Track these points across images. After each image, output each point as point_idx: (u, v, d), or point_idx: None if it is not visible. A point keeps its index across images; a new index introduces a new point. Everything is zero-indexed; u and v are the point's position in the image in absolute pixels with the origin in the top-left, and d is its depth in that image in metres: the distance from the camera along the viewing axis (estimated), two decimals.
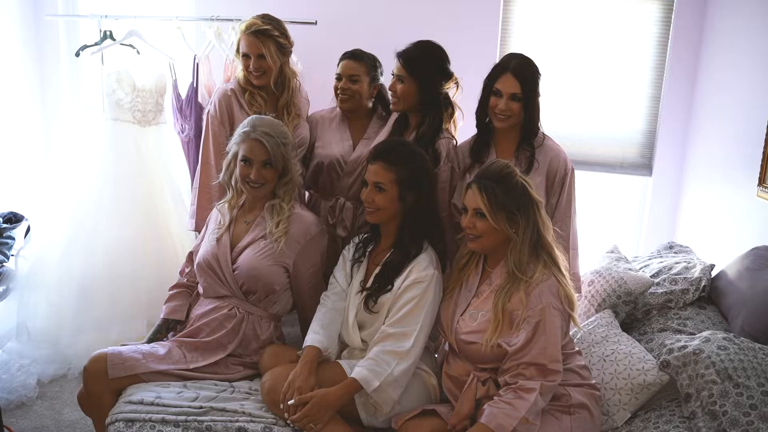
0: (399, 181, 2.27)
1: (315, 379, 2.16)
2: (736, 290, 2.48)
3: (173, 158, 3.61)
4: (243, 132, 2.41)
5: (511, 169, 2.15)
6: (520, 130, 2.53)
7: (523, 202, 2.10)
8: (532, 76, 2.46)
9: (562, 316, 2.07)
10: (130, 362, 2.24)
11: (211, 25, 3.53)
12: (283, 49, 2.81)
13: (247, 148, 2.38)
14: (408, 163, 2.30)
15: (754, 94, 2.90)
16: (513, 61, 2.47)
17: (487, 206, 2.09)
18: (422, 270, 2.25)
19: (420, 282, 2.23)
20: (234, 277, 2.41)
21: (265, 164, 2.39)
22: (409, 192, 2.29)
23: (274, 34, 2.76)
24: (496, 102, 2.46)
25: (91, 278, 3.30)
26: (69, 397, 3.10)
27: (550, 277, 2.08)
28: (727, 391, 1.93)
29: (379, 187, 2.28)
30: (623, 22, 3.65)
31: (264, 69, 2.78)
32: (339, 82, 2.85)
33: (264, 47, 2.74)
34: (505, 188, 2.10)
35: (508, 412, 1.94)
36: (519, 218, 2.09)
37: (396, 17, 3.76)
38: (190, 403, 2.09)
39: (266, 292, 2.42)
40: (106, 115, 3.49)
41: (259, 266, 2.39)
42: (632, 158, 3.78)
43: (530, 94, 2.45)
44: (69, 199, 3.44)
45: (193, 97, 3.53)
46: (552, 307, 2.04)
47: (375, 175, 2.29)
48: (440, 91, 2.64)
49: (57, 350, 3.29)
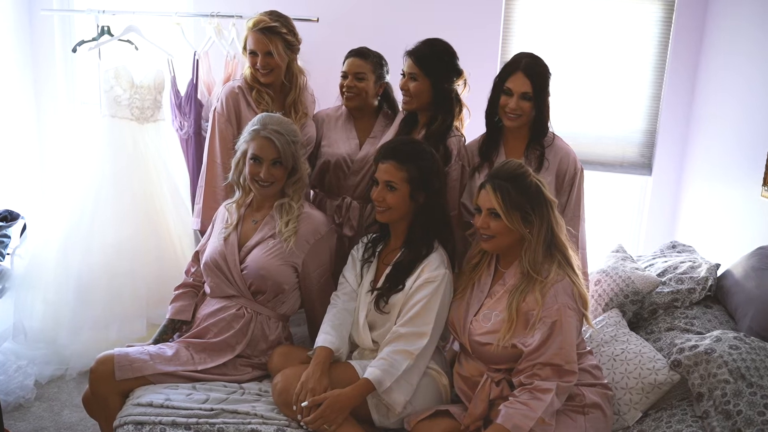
0: (410, 180, 2.26)
1: (328, 380, 2.15)
2: (743, 290, 2.49)
3: (172, 155, 3.56)
4: (253, 130, 2.38)
5: (525, 169, 2.14)
6: (530, 129, 2.52)
7: (537, 202, 2.10)
8: (543, 75, 2.45)
9: (577, 316, 2.06)
10: (137, 363, 2.20)
11: (211, 21, 3.49)
12: (290, 46, 2.79)
13: (256, 146, 2.35)
14: (419, 161, 2.28)
15: (757, 94, 2.92)
16: (524, 60, 2.46)
17: (501, 206, 2.08)
18: (434, 269, 2.24)
19: (431, 282, 2.22)
20: (242, 276, 2.38)
21: (275, 163, 2.36)
22: (420, 191, 2.28)
23: (282, 32, 2.74)
24: (506, 101, 2.45)
25: (88, 277, 3.25)
26: (67, 398, 3.06)
27: (565, 277, 2.08)
28: (740, 391, 1.94)
29: (391, 185, 2.26)
30: (624, 22, 3.66)
31: (271, 66, 2.75)
32: (344, 80, 2.83)
33: (272, 45, 2.72)
34: (519, 188, 2.09)
35: (524, 412, 1.93)
36: (533, 218, 2.09)
37: (398, 15, 3.74)
38: (201, 405, 2.06)
39: (275, 291, 2.40)
40: (104, 111, 3.44)
41: (268, 266, 2.36)
42: (632, 157, 3.79)
43: (541, 93, 2.44)
44: (66, 197, 3.38)
45: (193, 94, 3.50)
46: (568, 307, 2.03)
47: (386, 174, 2.27)
48: (452, 89, 2.63)
49: (54, 350, 3.24)
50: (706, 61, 3.48)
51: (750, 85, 3.01)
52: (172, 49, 3.57)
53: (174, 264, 3.40)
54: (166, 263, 3.38)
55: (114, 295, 3.26)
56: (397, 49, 2.70)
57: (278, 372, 2.26)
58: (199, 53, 3.50)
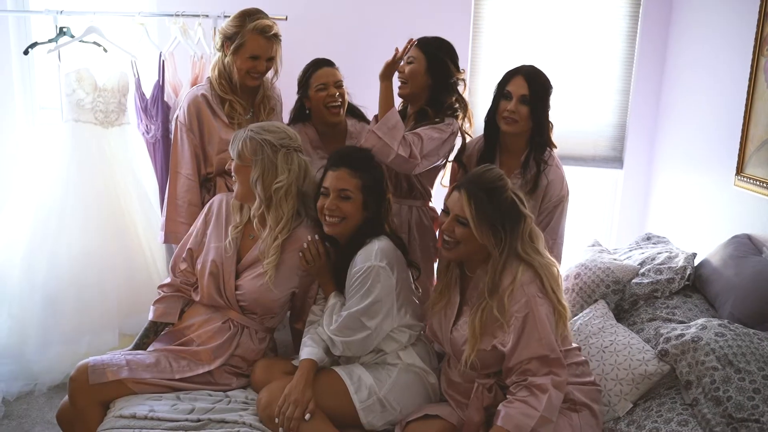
0: (364, 188, 2.21)
1: (311, 391, 2.09)
2: (722, 278, 2.53)
3: (138, 160, 3.45)
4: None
5: (503, 183, 2.06)
6: (527, 143, 2.53)
7: (509, 218, 2.02)
8: (543, 84, 2.51)
9: (548, 301, 2.02)
10: (112, 368, 2.12)
11: (176, 21, 3.40)
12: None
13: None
14: (372, 170, 2.25)
15: (725, 85, 2.97)
16: (526, 67, 2.53)
17: (473, 217, 2.00)
18: (361, 263, 2.18)
19: (360, 275, 2.16)
20: (235, 295, 2.31)
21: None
22: (372, 200, 2.23)
23: (281, 37, 2.72)
24: (505, 105, 2.48)
25: (55, 288, 3.12)
26: (38, 414, 2.93)
27: (528, 268, 2.03)
28: (729, 377, 1.96)
29: (344, 194, 2.19)
30: (592, 17, 3.70)
31: (266, 71, 2.73)
32: (323, 93, 2.76)
33: (275, 50, 2.69)
34: (495, 201, 2.01)
35: (525, 411, 1.90)
36: (503, 235, 2.00)
37: (368, 13, 3.71)
38: (187, 416, 1.99)
39: (267, 313, 2.36)
40: (66, 116, 3.31)
41: (261, 297, 2.30)
42: (604, 152, 3.83)
43: (539, 100, 2.48)
44: (28, 206, 3.24)
45: (159, 96, 3.39)
46: (537, 296, 2.00)
47: (339, 182, 2.19)
48: (450, 77, 2.61)
49: (22, 366, 3.09)
50: (674, 54, 3.54)
51: (717, 75, 3.06)
52: (136, 50, 3.46)
53: (144, 271, 3.30)
54: (136, 271, 3.27)
55: (83, 307, 3.14)
56: (366, 47, 2.68)
57: (261, 385, 2.21)
58: (165, 54, 3.40)
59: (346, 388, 2.14)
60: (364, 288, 2.14)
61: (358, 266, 2.17)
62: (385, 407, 2.15)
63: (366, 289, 2.14)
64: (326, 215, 2.21)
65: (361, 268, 2.15)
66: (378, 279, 2.14)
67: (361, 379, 2.16)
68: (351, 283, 2.18)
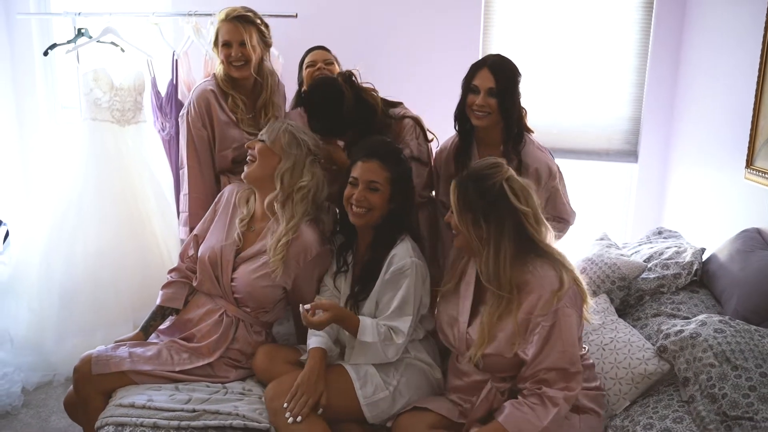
0: (393, 181, 2.21)
1: (323, 383, 2.09)
2: (728, 273, 2.48)
3: (154, 157, 3.52)
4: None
5: (494, 170, 1.97)
6: (502, 134, 2.48)
7: (493, 209, 1.93)
8: (510, 72, 2.42)
9: (576, 313, 1.99)
10: (114, 360, 2.18)
11: (189, 21, 3.46)
12: (264, 39, 2.74)
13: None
14: (400, 163, 2.25)
15: (738, 76, 2.90)
16: (491, 58, 2.46)
17: (455, 204, 1.97)
18: (400, 260, 2.18)
19: (400, 273, 2.17)
20: (230, 286, 2.35)
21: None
22: (400, 193, 2.23)
23: (256, 22, 2.70)
24: (473, 99, 2.43)
25: (72, 283, 3.21)
26: (55, 404, 3.03)
27: (551, 270, 1.98)
28: (725, 374, 1.93)
29: (374, 186, 2.20)
30: (606, 9, 3.65)
31: (246, 58, 2.67)
32: (311, 68, 2.90)
33: (246, 33, 2.65)
34: (478, 189, 1.94)
35: (530, 418, 1.87)
36: (483, 225, 1.93)
37: (376, 10, 3.72)
38: (183, 406, 2.03)
39: (259, 307, 2.38)
40: (84, 115, 3.40)
41: (252, 289, 2.33)
42: (618, 146, 3.77)
43: (506, 90, 2.40)
44: (48, 202, 3.34)
45: (173, 95, 3.46)
46: (566, 306, 1.95)
47: (370, 173, 2.19)
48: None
49: (41, 357, 3.20)
50: (689, 46, 3.47)
51: (732, 67, 2.99)
52: (151, 49, 3.53)
53: (160, 268, 3.30)
54: (151, 269, 3.32)
55: (98, 301, 3.22)
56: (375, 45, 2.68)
57: (262, 371, 2.25)
58: (178, 53, 3.46)
59: (352, 384, 2.14)
60: (405, 282, 2.18)
61: (398, 263, 2.18)
62: (390, 402, 2.16)
63: (407, 284, 2.18)
64: (353, 205, 2.21)
65: (404, 265, 2.17)
66: (417, 274, 2.19)
67: (368, 374, 2.16)
68: (390, 279, 2.19)
